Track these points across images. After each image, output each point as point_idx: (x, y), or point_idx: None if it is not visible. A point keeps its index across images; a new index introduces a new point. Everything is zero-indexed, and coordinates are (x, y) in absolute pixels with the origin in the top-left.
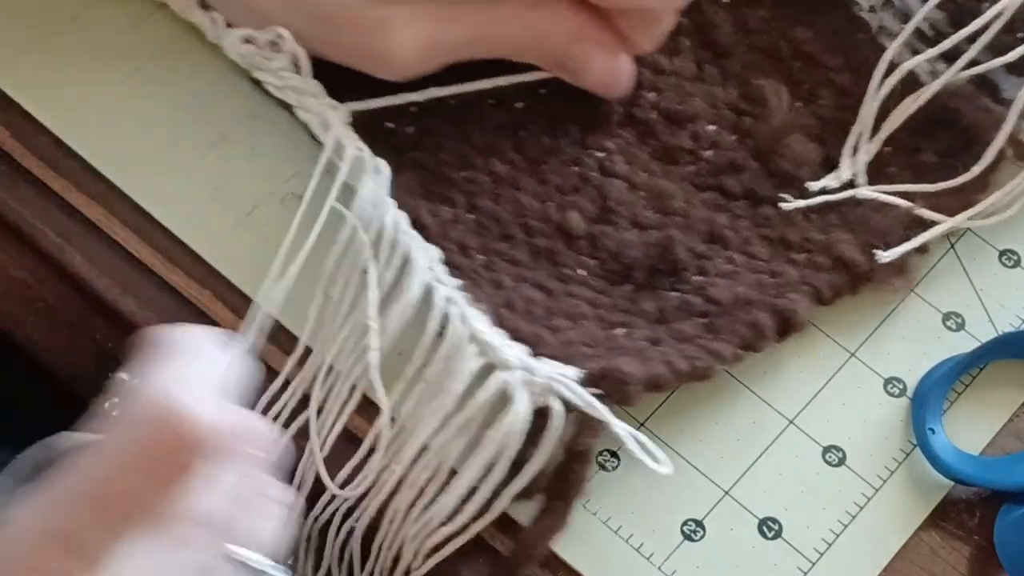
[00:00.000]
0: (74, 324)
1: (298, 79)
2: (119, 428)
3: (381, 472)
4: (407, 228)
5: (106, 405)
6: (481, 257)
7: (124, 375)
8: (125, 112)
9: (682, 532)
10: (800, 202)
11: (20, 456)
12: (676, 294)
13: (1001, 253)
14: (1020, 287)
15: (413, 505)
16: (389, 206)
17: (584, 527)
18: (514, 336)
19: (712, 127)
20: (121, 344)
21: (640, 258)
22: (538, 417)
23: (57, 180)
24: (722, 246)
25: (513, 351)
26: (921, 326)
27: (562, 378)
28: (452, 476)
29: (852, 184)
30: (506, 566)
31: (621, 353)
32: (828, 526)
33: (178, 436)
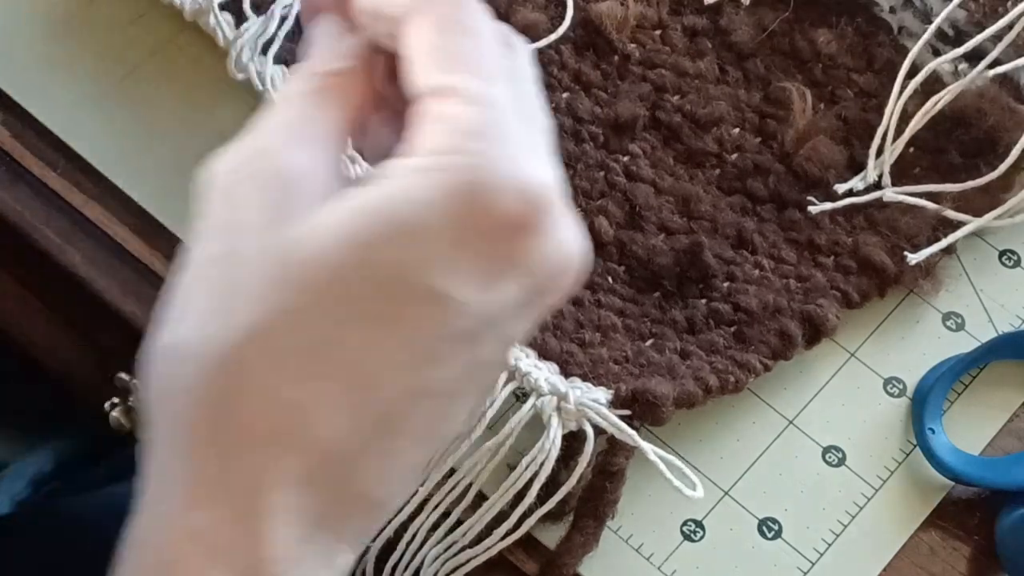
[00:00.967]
0: (74, 324)
1: None
2: None
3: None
4: None
5: None
6: None
7: None
8: (125, 111)
9: (682, 532)
10: (827, 205)
11: None
12: (704, 302)
13: (1001, 253)
14: (1020, 287)
15: (436, 527)
16: None
17: None
18: (543, 354)
19: (736, 130)
20: (121, 344)
21: (669, 265)
22: (570, 438)
23: (57, 180)
24: (750, 251)
25: (543, 374)
26: (921, 326)
27: (593, 404)
28: (478, 497)
29: (878, 186)
30: None
31: (652, 371)
32: (828, 526)
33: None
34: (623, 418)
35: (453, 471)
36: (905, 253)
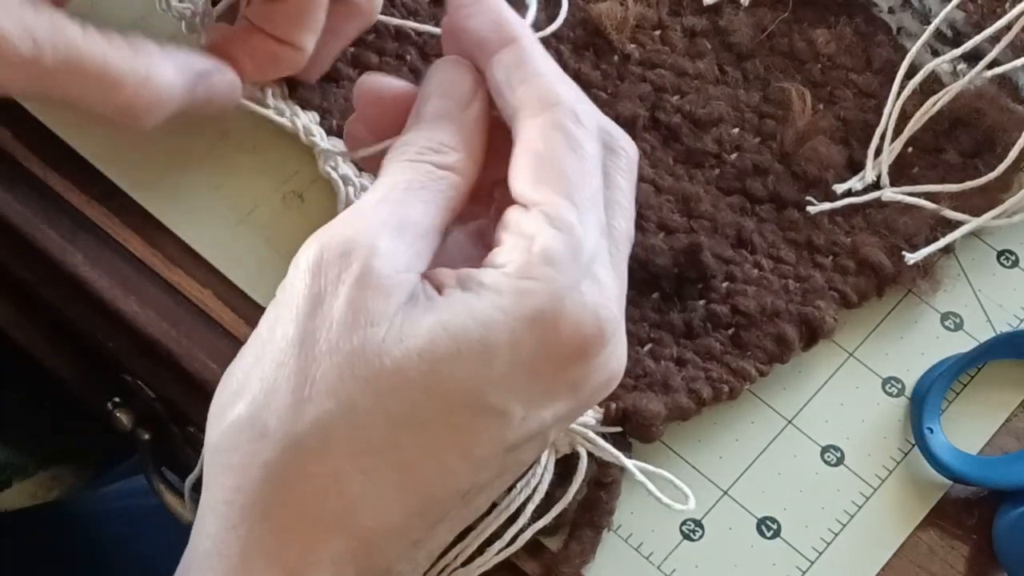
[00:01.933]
0: (74, 324)
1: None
2: None
3: None
4: None
5: None
6: None
7: None
8: None
9: (681, 532)
10: (825, 205)
11: None
12: (703, 303)
13: (999, 253)
14: (1018, 287)
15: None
16: None
17: None
18: None
19: (736, 130)
20: (122, 344)
21: (668, 265)
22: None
23: (58, 181)
24: (749, 251)
25: None
26: (919, 326)
27: (583, 429)
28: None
29: (877, 186)
30: None
31: (647, 383)
32: (826, 525)
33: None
34: (616, 434)
35: None
36: (903, 253)
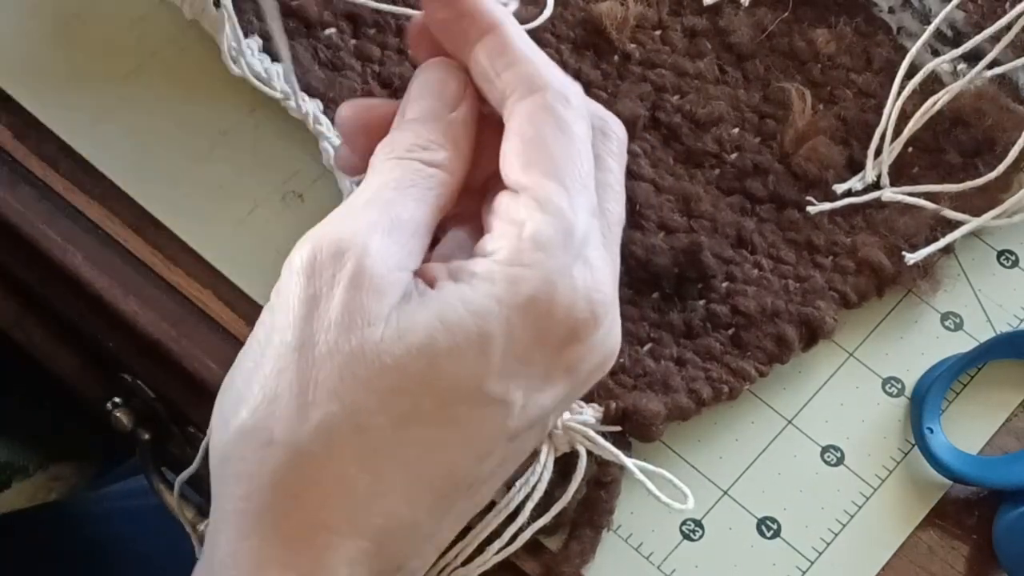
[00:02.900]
0: (75, 324)
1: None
2: None
3: None
4: None
5: None
6: None
7: None
8: (126, 111)
9: (681, 532)
10: (825, 205)
11: None
12: (703, 303)
13: (999, 253)
14: (1018, 287)
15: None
16: None
17: None
18: None
19: (736, 130)
20: (122, 344)
21: (668, 265)
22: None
23: (59, 180)
24: (749, 251)
25: None
26: (919, 326)
27: (582, 428)
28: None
29: (877, 186)
30: None
31: (647, 383)
32: (826, 525)
33: None
34: (616, 433)
35: None
36: (903, 253)
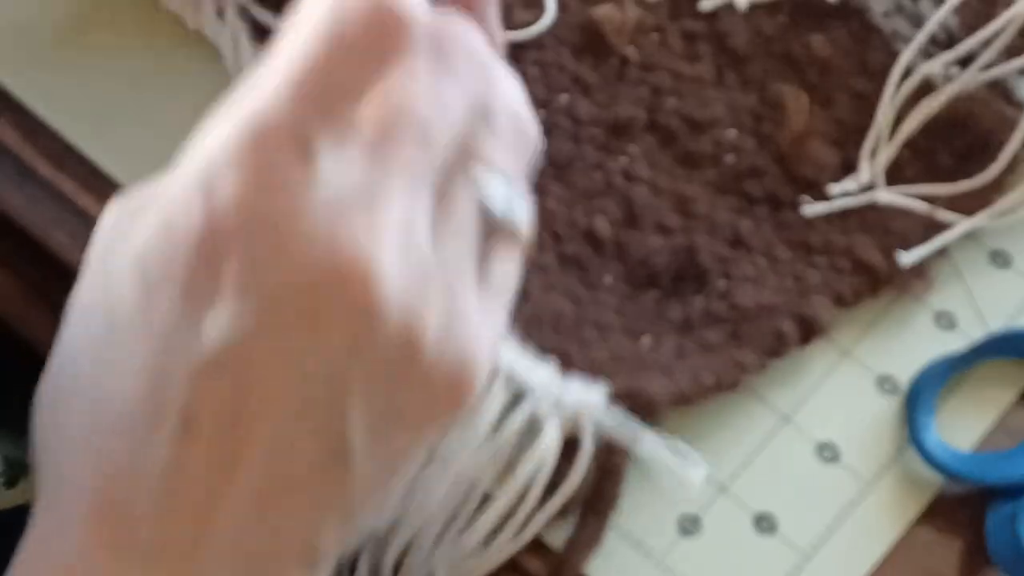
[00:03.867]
0: None
1: None
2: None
3: (409, 503)
4: None
5: None
6: None
7: None
8: (134, 112)
9: (678, 528)
10: (821, 206)
11: None
12: (701, 298)
13: (993, 253)
14: (1011, 287)
15: (442, 535)
16: None
17: None
18: (541, 352)
19: (733, 132)
20: None
21: (666, 264)
22: (570, 439)
23: (66, 181)
24: (745, 250)
25: (539, 375)
26: (913, 325)
27: (589, 403)
28: (483, 502)
29: (871, 187)
30: None
31: (648, 370)
32: (822, 522)
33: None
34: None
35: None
36: (897, 253)
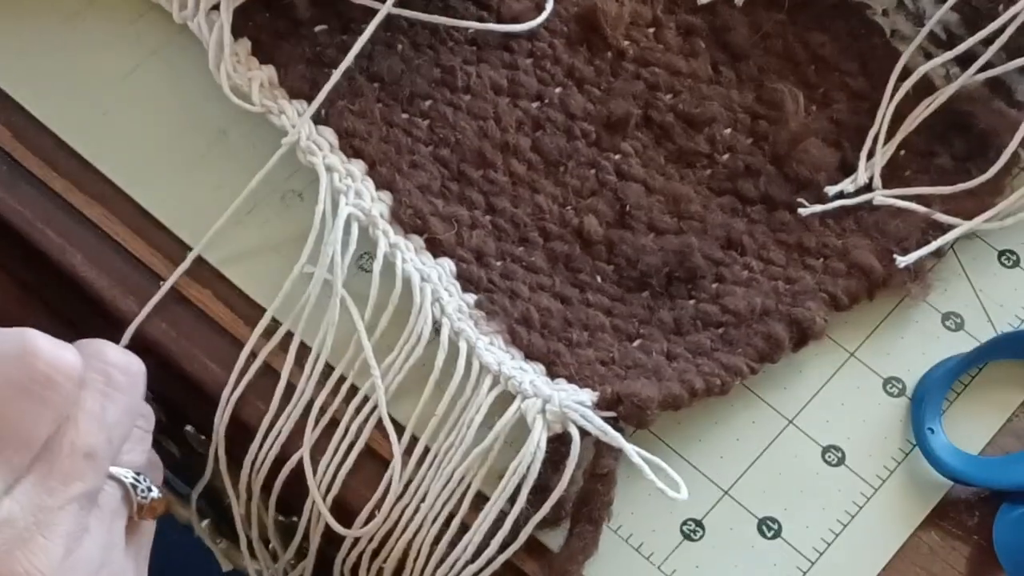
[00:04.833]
0: (74, 324)
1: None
2: None
3: (403, 509)
4: (411, 256)
5: None
6: (498, 264)
7: None
8: (125, 111)
9: (681, 532)
10: (817, 207)
11: None
12: (692, 302)
13: (1000, 253)
14: (1019, 287)
15: (438, 541)
16: (386, 234)
17: None
18: (530, 354)
19: (728, 131)
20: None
21: (658, 265)
22: (558, 442)
23: (58, 180)
24: (739, 252)
25: (528, 376)
26: (920, 326)
27: (577, 406)
28: (476, 505)
29: (869, 188)
30: None
31: (638, 374)
32: (827, 526)
33: (41, 365)
34: (608, 420)
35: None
36: (894, 256)
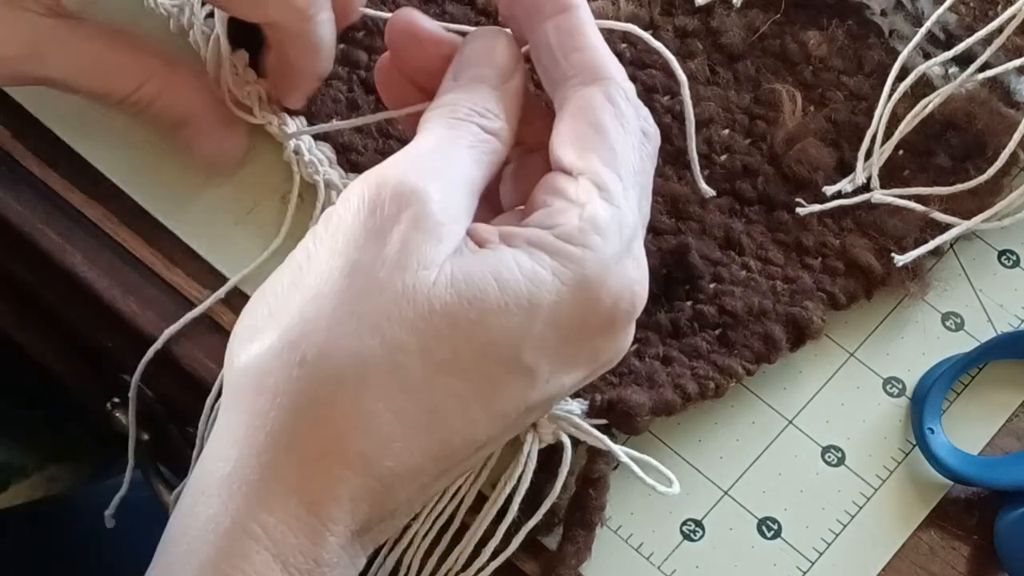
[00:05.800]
0: (74, 324)
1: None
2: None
3: None
4: None
5: None
6: None
7: None
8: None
9: (681, 532)
10: (815, 207)
11: None
12: (690, 304)
13: (1000, 253)
14: (1019, 287)
15: (429, 554)
16: None
17: None
18: None
19: (726, 131)
20: (121, 344)
21: (656, 266)
22: (551, 451)
23: (58, 180)
24: (737, 252)
25: None
26: (920, 326)
27: (568, 416)
28: (468, 517)
29: (867, 188)
30: None
31: (631, 380)
32: (827, 526)
33: None
34: (600, 427)
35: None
36: (892, 255)
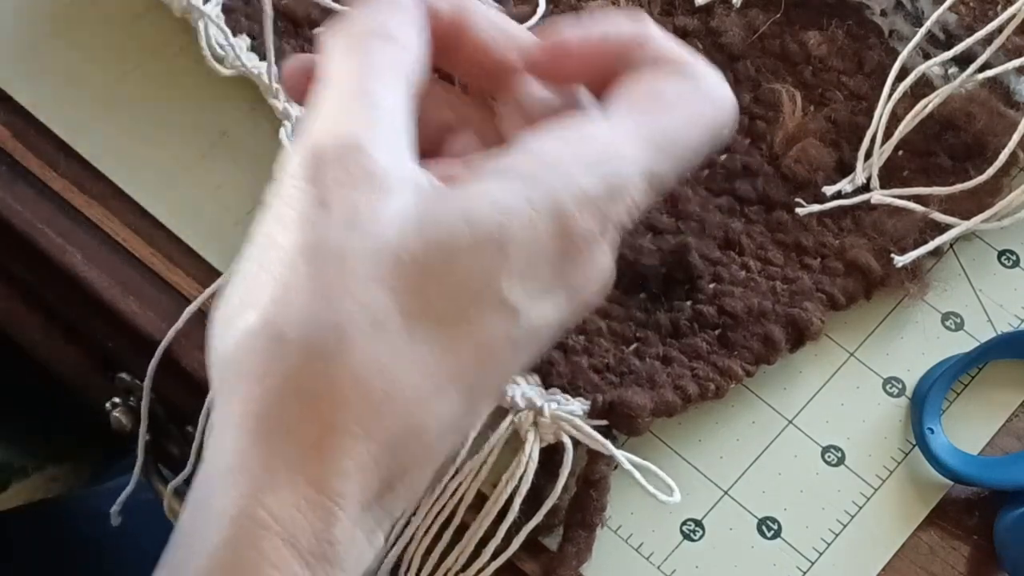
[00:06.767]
0: (74, 324)
1: None
2: None
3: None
4: None
5: None
6: None
7: None
8: (125, 111)
9: (681, 532)
10: (815, 207)
11: None
12: (690, 304)
13: (1000, 253)
14: (1019, 287)
15: (429, 553)
16: None
17: None
18: None
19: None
20: (121, 344)
21: (655, 266)
22: (552, 452)
23: (58, 180)
24: (737, 252)
25: (520, 389)
26: (920, 326)
27: (569, 417)
28: (468, 516)
29: (866, 188)
30: None
31: (632, 380)
32: (827, 526)
33: None
34: (601, 428)
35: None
36: (892, 256)
